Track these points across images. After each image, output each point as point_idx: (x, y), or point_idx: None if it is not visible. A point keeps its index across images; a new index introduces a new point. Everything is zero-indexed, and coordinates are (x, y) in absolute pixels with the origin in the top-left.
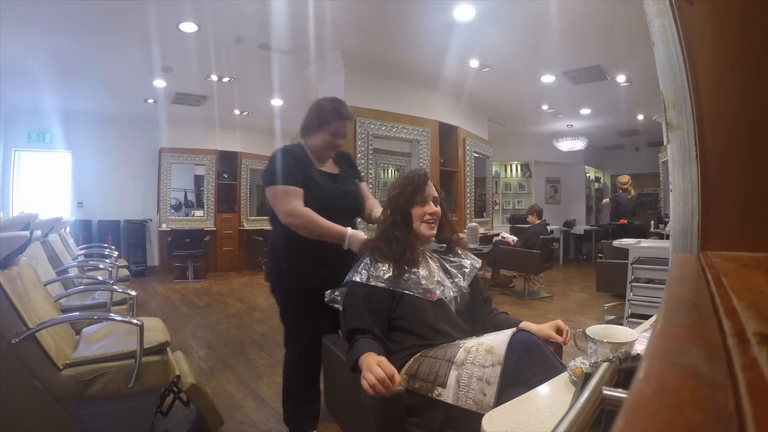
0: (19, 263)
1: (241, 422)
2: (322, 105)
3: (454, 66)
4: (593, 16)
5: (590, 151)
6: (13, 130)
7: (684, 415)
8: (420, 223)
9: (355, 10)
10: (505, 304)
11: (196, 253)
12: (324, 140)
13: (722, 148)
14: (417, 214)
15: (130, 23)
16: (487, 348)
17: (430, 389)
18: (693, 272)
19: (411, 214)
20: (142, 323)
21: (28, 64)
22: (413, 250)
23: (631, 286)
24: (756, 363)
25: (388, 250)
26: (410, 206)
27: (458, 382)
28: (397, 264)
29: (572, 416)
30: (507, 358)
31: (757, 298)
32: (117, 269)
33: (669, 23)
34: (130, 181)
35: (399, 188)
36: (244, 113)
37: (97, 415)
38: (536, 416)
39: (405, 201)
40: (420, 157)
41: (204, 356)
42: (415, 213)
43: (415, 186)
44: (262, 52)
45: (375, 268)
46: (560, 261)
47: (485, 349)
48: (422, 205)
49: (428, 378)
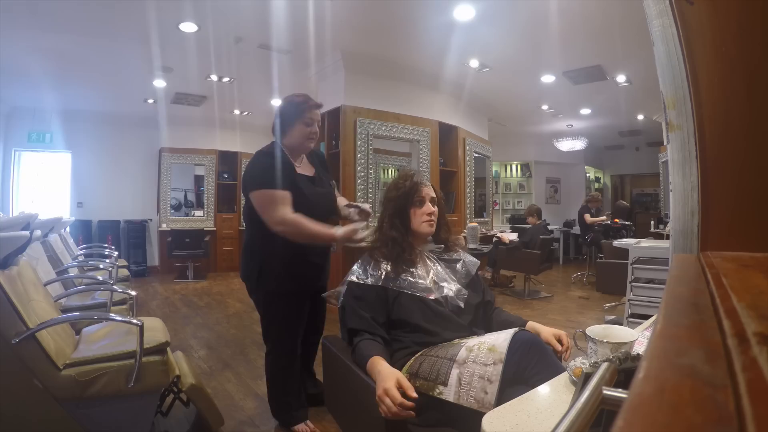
0: (19, 263)
1: (241, 422)
2: (291, 99)
3: (454, 66)
4: (593, 16)
5: (590, 151)
6: (13, 130)
7: (684, 415)
8: (420, 223)
9: (355, 10)
10: (505, 304)
11: (196, 253)
12: (301, 132)
13: (722, 148)
14: (415, 215)
15: (130, 23)
16: (488, 346)
17: (431, 388)
18: (693, 272)
19: (409, 215)
20: (142, 323)
21: (28, 64)
22: (411, 250)
23: (631, 286)
24: (756, 363)
25: (386, 249)
26: (408, 207)
27: (460, 381)
28: (395, 264)
29: (572, 416)
30: (509, 356)
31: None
32: (117, 269)
33: (669, 23)
34: (130, 181)
35: (396, 188)
36: (244, 113)
37: (97, 415)
38: (536, 416)
39: (403, 201)
40: (420, 157)
41: (204, 356)
42: (413, 213)
43: (412, 186)
44: (262, 52)
45: (373, 267)
46: (560, 261)
47: (487, 348)
48: (420, 206)
49: (429, 377)
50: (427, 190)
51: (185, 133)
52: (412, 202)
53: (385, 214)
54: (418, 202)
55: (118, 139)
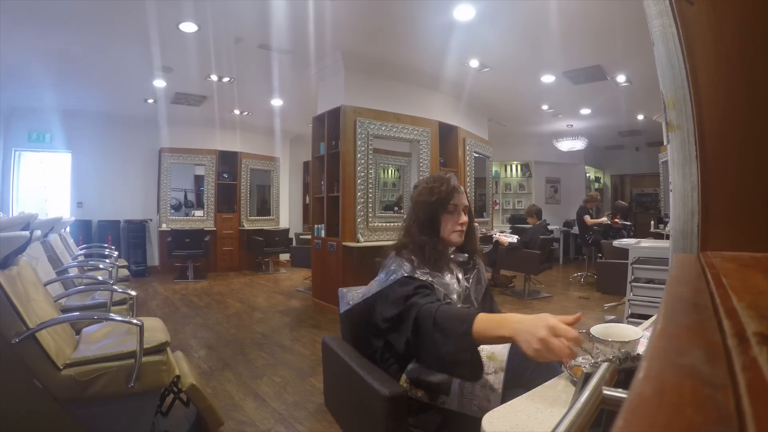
0: (19, 263)
1: (241, 422)
2: None
3: (454, 66)
4: (593, 16)
5: (590, 151)
6: (14, 130)
7: (684, 415)
8: (450, 232)
9: (355, 10)
10: (505, 304)
11: (196, 253)
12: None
13: (722, 148)
14: (446, 222)
15: (130, 23)
16: (488, 354)
17: (433, 398)
18: (693, 272)
19: (440, 221)
20: (142, 323)
21: (28, 63)
22: (440, 257)
23: (631, 286)
24: (756, 363)
25: (414, 255)
26: (440, 213)
27: (462, 390)
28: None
29: (572, 416)
30: (508, 363)
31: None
32: (117, 269)
33: (669, 23)
34: (130, 181)
35: (431, 193)
36: (244, 113)
37: (97, 415)
38: (536, 416)
39: (435, 206)
40: (420, 157)
41: (204, 356)
42: (444, 220)
43: (449, 192)
44: (262, 52)
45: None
46: (560, 261)
47: (487, 356)
48: (453, 213)
49: (431, 387)
50: (462, 198)
51: (185, 133)
52: (445, 209)
53: (415, 217)
54: (452, 210)
55: (118, 139)
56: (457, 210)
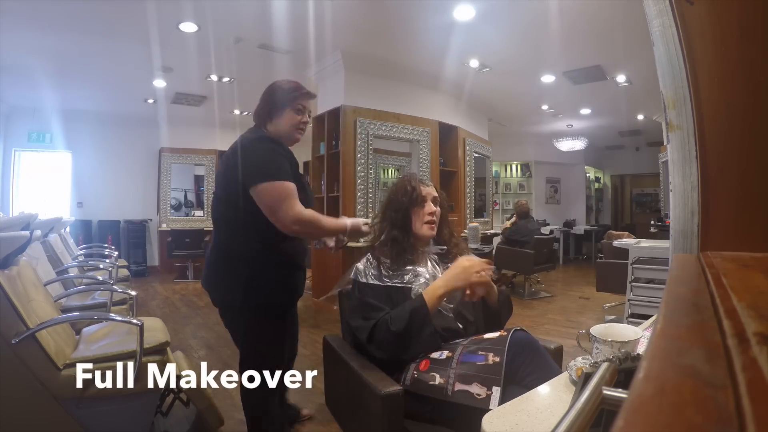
0: (19, 263)
1: (241, 422)
2: (281, 84)
3: (454, 66)
4: (593, 16)
5: (590, 151)
6: (13, 130)
7: (684, 415)
8: (421, 225)
9: (355, 10)
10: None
11: (196, 253)
12: (290, 120)
13: (722, 148)
14: (417, 215)
15: (130, 23)
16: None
17: (432, 391)
18: (693, 272)
19: (410, 215)
20: (142, 323)
21: (28, 63)
22: (412, 251)
23: (631, 286)
24: (756, 363)
25: (386, 249)
26: (410, 207)
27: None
28: (396, 264)
29: (572, 416)
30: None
31: (757, 298)
32: (117, 269)
33: (669, 23)
34: (130, 181)
35: (398, 190)
36: (244, 113)
37: (97, 415)
38: (536, 416)
39: (404, 202)
40: (420, 157)
41: (204, 356)
42: (414, 214)
43: (414, 186)
44: (262, 52)
45: (376, 267)
46: (560, 261)
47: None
48: (422, 206)
49: (428, 380)
50: (430, 189)
51: (185, 133)
52: (413, 202)
53: (387, 214)
54: (420, 202)
55: (118, 139)
56: (426, 201)
